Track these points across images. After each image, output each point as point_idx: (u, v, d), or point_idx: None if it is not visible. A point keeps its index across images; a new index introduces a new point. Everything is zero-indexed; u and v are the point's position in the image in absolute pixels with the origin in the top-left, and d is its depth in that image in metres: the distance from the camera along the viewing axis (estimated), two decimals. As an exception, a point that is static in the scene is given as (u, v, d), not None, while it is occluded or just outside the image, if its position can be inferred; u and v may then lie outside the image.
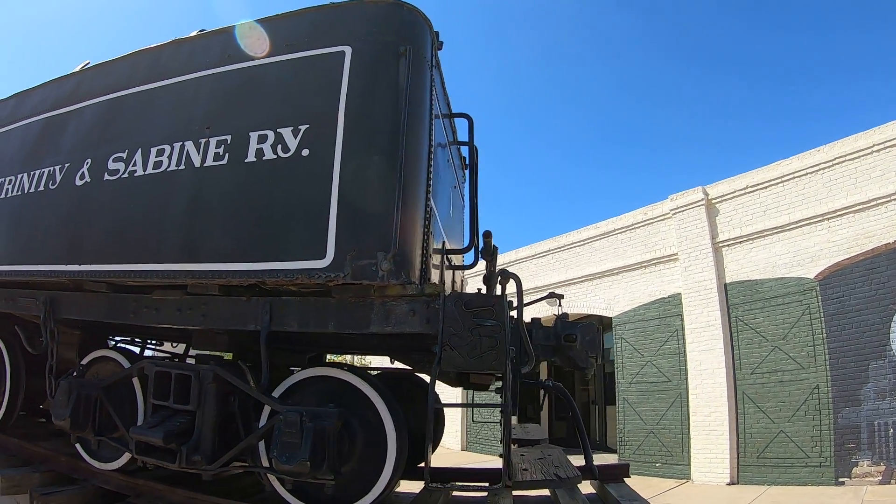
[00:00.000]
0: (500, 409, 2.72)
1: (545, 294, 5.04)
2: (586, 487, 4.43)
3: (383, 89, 3.11)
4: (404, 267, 2.78)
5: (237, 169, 3.27)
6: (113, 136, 3.93)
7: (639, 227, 12.27)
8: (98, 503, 3.64)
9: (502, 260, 15.89)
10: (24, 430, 4.80)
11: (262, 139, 3.25)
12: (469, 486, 3.47)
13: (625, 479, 4.53)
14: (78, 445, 3.90)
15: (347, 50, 3.27)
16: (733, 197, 10.38)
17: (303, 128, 3.15)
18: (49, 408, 3.85)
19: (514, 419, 14.54)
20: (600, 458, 12.42)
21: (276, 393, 3.34)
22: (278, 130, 3.22)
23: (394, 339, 3.39)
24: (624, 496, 3.92)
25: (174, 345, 5.86)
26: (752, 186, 10.05)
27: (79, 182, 3.94)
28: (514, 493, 4.75)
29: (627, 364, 11.75)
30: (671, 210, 11.40)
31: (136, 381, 3.72)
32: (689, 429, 10.25)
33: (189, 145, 3.50)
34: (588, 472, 4.34)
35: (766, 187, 9.86)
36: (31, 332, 4.23)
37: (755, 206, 9.98)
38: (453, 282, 4.72)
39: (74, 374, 3.89)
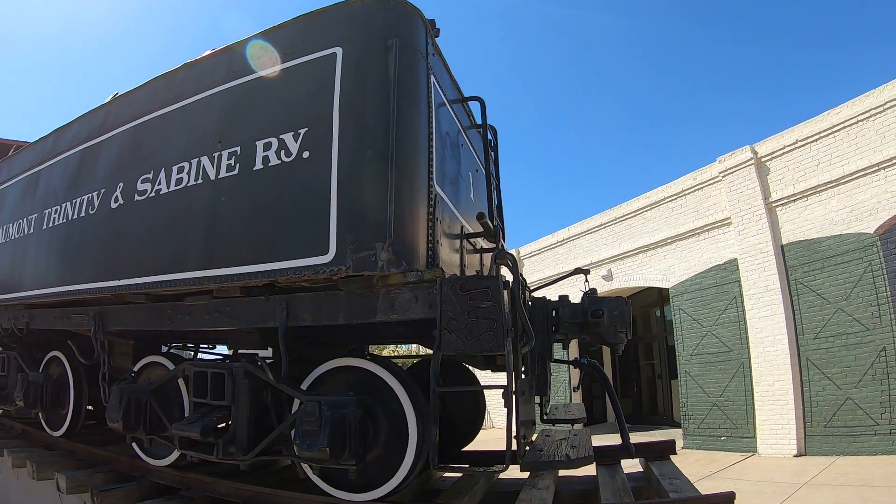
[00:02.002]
0: (503, 391, 2.69)
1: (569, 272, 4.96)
2: (635, 466, 4.35)
3: (373, 84, 3.17)
4: (404, 255, 2.84)
5: (247, 177, 3.43)
6: (140, 159, 4.20)
7: (689, 193, 11.83)
8: (152, 497, 3.91)
9: (555, 238, 15.82)
10: (96, 436, 5.25)
11: (268, 146, 3.39)
12: (469, 469, 3.45)
13: (671, 457, 4.40)
14: (134, 445, 4.23)
15: (338, 51, 3.35)
16: (783, 153, 9.81)
17: (302, 131, 3.26)
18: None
19: (576, 395, 14.44)
20: (665, 434, 12.21)
21: (306, 384, 3.49)
22: (280, 137, 3.34)
23: (420, 325, 3.47)
24: (665, 474, 3.76)
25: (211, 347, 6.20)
26: (801, 140, 9.45)
27: (114, 205, 4.25)
28: (561, 473, 4.75)
29: (687, 336, 11.40)
30: (720, 173, 10.93)
31: (181, 382, 3.98)
32: (753, 399, 9.84)
33: (205, 160, 3.70)
34: (624, 450, 4.26)
35: (816, 140, 9.26)
36: (88, 345, 4.60)
37: (807, 161, 9.39)
38: (481, 265, 4.73)
39: (126, 380, 4.21)
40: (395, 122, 2.99)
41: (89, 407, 5.28)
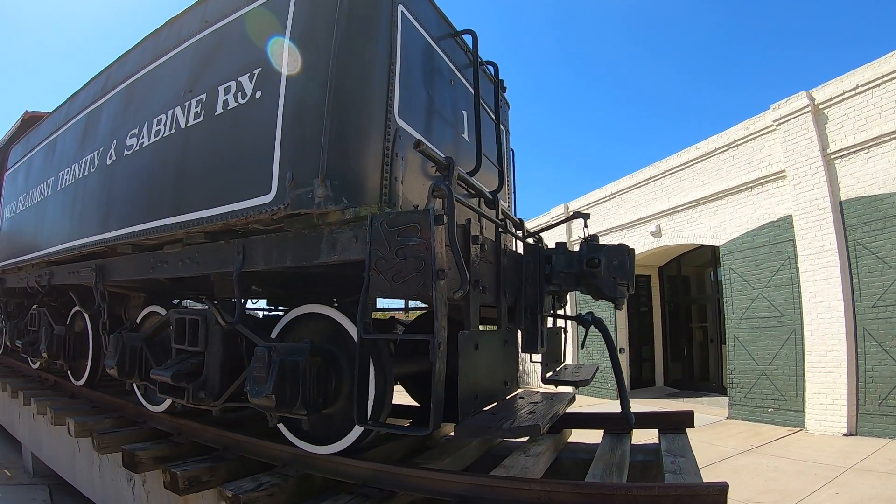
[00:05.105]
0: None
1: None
2: (651, 436, 4.06)
3: (322, 12, 3.01)
4: (345, 192, 2.71)
5: (210, 122, 3.43)
6: (130, 116, 4.31)
7: (741, 144, 10.92)
8: (148, 441, 4.07)
9: (603, 192, 15.22)
10: (117, 385, 5.52)
11: (227, 90, 3.35)
12: (395, 425, 3.18)
13: (686, 430, 4.04)
14: (137, 392, 4.42)
15: (296, -16, 3.22)
16: (843, 100, 8.81)
17: (256, 71, 3.19)
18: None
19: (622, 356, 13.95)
20: (713, 402, 11.60)
21: (276, 332, 3.47)
22: (238, 79, 3.29)
23: None
24: (672, 451, 3.45)
25: (254, 301, 6.31)
26: (862, 85, 8.43)
27: (108, 161, 4.40)
28: (569, 439, 4.51)
29: (737, 298, 10.69)
30: (774, 121, 9.99)
31: (172, 329, 4.08)
32: (803, 370, 9.13)
33: (177, 110, 3.73)
34: (623, 420, 3.99)
35: (879, 84, 8.23)
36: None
37: (869, 109, 8.39)
38: (480, 205, 4.49)
39: (125, 328, 4.37)
40: (336, 48, 2.83)
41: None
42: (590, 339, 12.68)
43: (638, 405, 11.83)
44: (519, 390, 3.75)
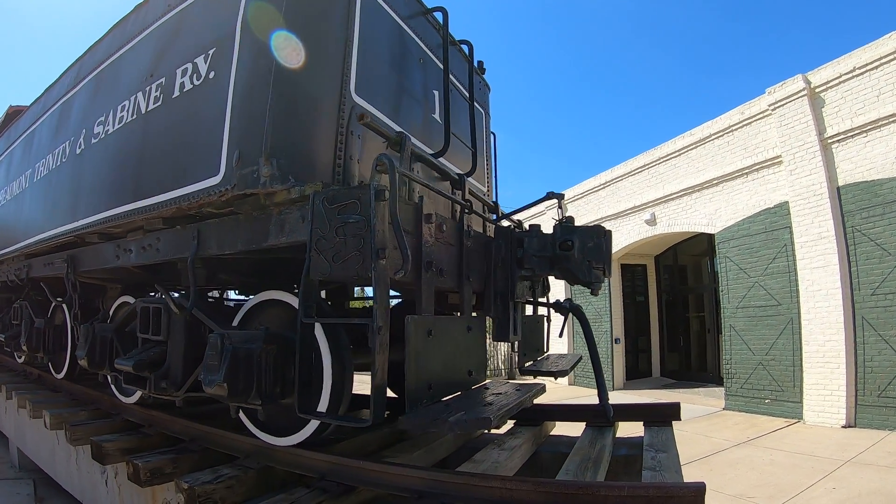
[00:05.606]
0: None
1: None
2: (637, 429, 3.95)
3: None
4: (293, 170, 2.62)
5: (168, 106, 3.36)
6: (98, 104, 4.26)
7: (736, 129, 10.75)
8: (120, 432, 4.02)
9: (598, 181, 15.04)
10: (97, 380, 5.49)
11: (185, 73, 3.28)
12: (339, 416, 3.05)
13: (673, 423, 3.90)
14: (110, 382, 4.38)
15: (252, -38, 3.14)
16: (840, 83, 8.62)
17: (211, 52, 3.11)
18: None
19: (618, 347, 13.74)
20: (711, 392, 11.41)
21: (238, 319, 3.40)
22: (195, 60, 3.22)
23: None
24: (654, 445, 3.32)
25: (236, 292, 6.27)
26: (860, 68, 8.24)
27: (78, 151, 4.35)
28: (552, 432, 4.39)
29: (733, 286, 10.55)
30: (770, 105, 9.81)
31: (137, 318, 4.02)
32: (801, 360, 8.98)
33: (139, 95, 3.66)
34: (601, 413, 3.87)
35: (877, 67, 8.03)
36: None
37: (867, 91, 8.20)
38: (453, 191, 4.39)
39: (97, 319, 4.33)
40: (285, 24, 2.75)
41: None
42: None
43: (633, 396, 11.73)
44: (487, 381, 3.62)
